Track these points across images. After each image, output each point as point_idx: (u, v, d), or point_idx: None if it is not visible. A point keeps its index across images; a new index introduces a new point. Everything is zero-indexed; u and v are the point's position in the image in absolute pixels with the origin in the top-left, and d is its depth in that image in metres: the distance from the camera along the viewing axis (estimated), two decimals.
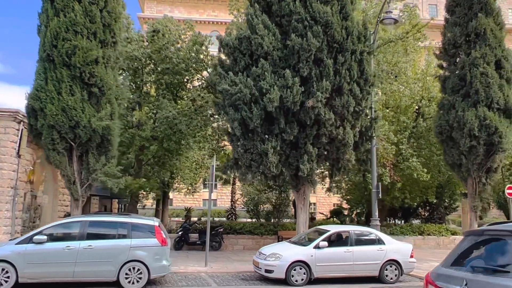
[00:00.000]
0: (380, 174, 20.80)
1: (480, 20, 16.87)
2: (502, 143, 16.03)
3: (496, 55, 16.90)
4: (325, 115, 14.47)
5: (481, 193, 17.21)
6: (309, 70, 14.52)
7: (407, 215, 28.09)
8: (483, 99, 16.36)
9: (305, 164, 14.74)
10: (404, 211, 27.75)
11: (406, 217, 28.18)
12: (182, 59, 20.07)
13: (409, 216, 28.08)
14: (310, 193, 22.09)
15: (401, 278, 13.14)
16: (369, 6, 22.69)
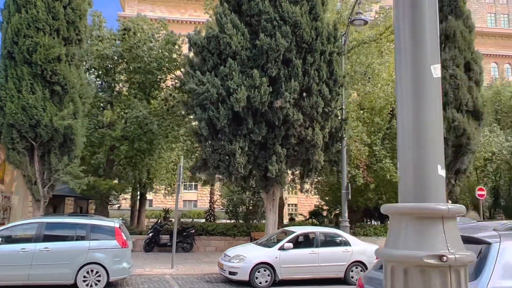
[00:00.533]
0: (353, 175, 20.82)
1: (450, 23, 17.00)
2: (470, 144, 16.16)
3: (466, 58, 17.04)
4: (293, 115, 14.38)
5: (451, 194, 17.28)
6: (277, 70, 14.43)
7: (383, 216, 28.19)
8: (452, 101, 16.48)
9: (273, 165, 14.63)
10: (380, 212, 27.86)
11: (383, 218, 28.27)
12: (154, 58, 19.81)
13: (386, 217, 28.17)
14: (286, 194, 22.03)
15: None
16: (343, 8, 22.71)
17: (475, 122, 16.72)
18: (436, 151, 1.81)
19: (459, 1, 17.34)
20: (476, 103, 16.72)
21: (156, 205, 53.89)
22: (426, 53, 1.89)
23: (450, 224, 1.73)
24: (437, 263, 1.62)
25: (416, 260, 1.65)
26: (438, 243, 1.67)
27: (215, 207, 34.94)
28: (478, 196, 19.59)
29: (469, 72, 16.95)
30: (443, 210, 1.70)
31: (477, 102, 16.74)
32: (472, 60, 17.08)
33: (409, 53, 1.91)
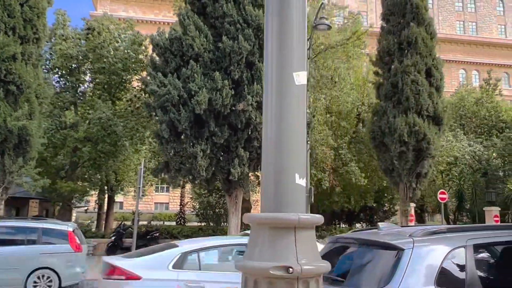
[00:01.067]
0: (319, 179, 20.98)
1: (412, 29, 17.31)
2: (430, 149, 16.47)
3: (427, 64, 17.38)
4: (256, 118, 14.37)
5: (412, 198, 17.58)
6: (240, 73, 14.40)
7: (351, 219, 28.51)
8: (413, 106, 16.76)
9: (236, 168, 14.57)
10: (348, 215, 28.13)
11: (350, 221, 28.58)
12: (120, 58, 19.54)
13: (353, 220, 28.49)
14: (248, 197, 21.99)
15: None
16: (311, 13, 22.86)
17: (435, 127, 17.07)
18: (296, 160, 1.79)
19: (421, 9, 17.69)
20: (436, 109, 17.06)
21: (127, 208, 53.09)
22: (291, 60, 1.87)
23: (304, 235, 1.71)
24: (283, 275, 1.60)
25: (263, 272, 1.62)
26: (288, 254, 1.65)
27: (185, 209, 34.66)
28: (440, 199, 20.00)
29: (430, 78, 17.30)
30: (293, 220, 1.68)
31: (437, 107, 17.09)
32: (433, 66, 17.44)
33: (275, 60, 1.89)
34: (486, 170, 27.86)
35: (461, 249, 3.51)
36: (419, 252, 3.45)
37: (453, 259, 3.49)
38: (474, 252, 3.52)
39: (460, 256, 3.48)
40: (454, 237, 3.63)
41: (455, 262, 3.49)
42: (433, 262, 3.40)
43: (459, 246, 3.53)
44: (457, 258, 3.49)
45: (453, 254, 3.49)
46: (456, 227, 3.90)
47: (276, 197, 1.75)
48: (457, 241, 3.57)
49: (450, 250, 3.49)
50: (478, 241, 3.61)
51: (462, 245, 3.53)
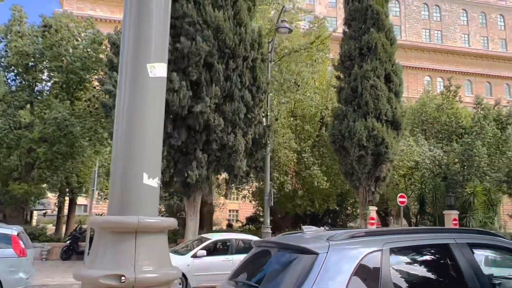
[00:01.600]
0: (282, 182, 20.97)
1: (372, 35, 17.56)
2: (388, 153, 16.70)
3: (386, 69, 17.65)
4: (214, 120, 14.22)
5: (371, 201, 17.77)
6: (198, 75, 14.22)
7: (315, 222, 28.61)
8: (372, 110, 16.98)
9: (194, 171, 14.37)
10: (312, 218, 28.23)
11: (314, 224, 28.72)
12: (78, 57, 19.00)
13: (317, 223, 28.63)
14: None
15: None
16: (277, 16, 22.91)
17: (394, 131, 17.34)
18: (147, 158, 1.66)
19: (381, 15, 17.97)
20: (395, 113, 17.34)
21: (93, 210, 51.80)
22: (148, 50, 1.73)
23: (147, 239, 1.57)
24: (116, 284, 1.45)
25: (94, 281, 1.47)
26: (125, 260, 1.51)
27: None
28: (400, 203, 20.31)
29: (389, 83, 17.57)
30: (132, 224, 1.54)
31: (396, 112, 17.37)
32: (392, 72, 17.73)
33: (131, 50, 1.75)
34: (446, 175, 28.54)
35: (377, 253, 3.45)
36: (333, 257, 3.37)
37: (368, 263, 3.43)
38: (390, 256, 3.47)
39: (375, 260, 3.42)
40: (371, 241, 3.57)
41: (369, 266, 3.43)
42: (347, 267, 3.33)
43: (375, 250, 3.47)
44: (372, 262, 3.43)
45: (368, 258, 3.43)
46: (375, 230, 3.85)
47: (122, 199, 1.61)
48: (374, 245, 3.51)
49: (365, 254, 3.43)
50: (395, 245, 3.56)
51: (378, 249, 3.47)
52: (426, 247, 3.72)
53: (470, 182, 27.20)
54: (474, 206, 26.92)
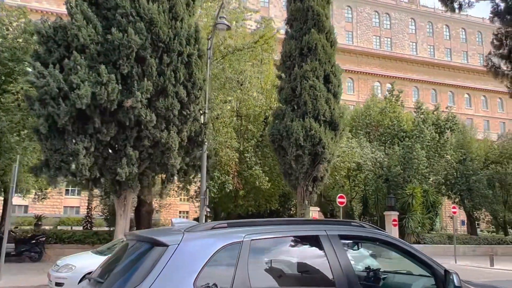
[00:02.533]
0: (223, 182, 20.70)
1: (312, 36, 17.65)
2: (325, 153, 16.79)
3: (325, 70, 17.78)
4: (146, 116, 13.73)
5: (309, 201, 17.82)
6: (130, 68, 13.68)
7: None
8: (310, 110, 17.04)
9: (123, 168, 13.81)
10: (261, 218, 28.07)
11: None
12: (7, 47, 17.92)
13: None
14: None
15: None
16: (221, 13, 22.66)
17: (331, 132, 17.47)
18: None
19: (321, 16, 18.11)
20: (333, 114, 17.48)
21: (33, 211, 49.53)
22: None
23: None
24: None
25: None
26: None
27: (93, 214, 32.89)
28: (339, 203, 20.55)
29: (328, 84, 17.71)
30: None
31: (334, 113, 17.52)
32: (331, 73, 17.88)
33: None
34: (387, 177, 29.30)
35: (236, 245, 3.24)
36: (186, 249, 3.12)
37: (224, 255, 3.20)
38: (251, 248, 3.26)
39: (233, 253, 3.20)
40: (231, 232, 3.35)
41: (225, 259, 3.20)
42: (199, 259, 3.09)
43: (234, 242, 3.25)
44: (228, 255, 3.21)
45: (225, 250, 3.21)
46: (240, 222, 3.63)
47: None
48: (233, 237, 3.29)
49: (221, 246, 3.20)
50: (258, 237, 3.36)
51: (237, 241, 3.26)
52: (294, 239, 3.54)
53: (410, 184, 28.03)
54: (412, 207, 27.76)
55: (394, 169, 28.36)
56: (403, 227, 28.02)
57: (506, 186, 32.84)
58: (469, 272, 19.82)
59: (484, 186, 30.69)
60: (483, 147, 34.03)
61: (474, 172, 30.67)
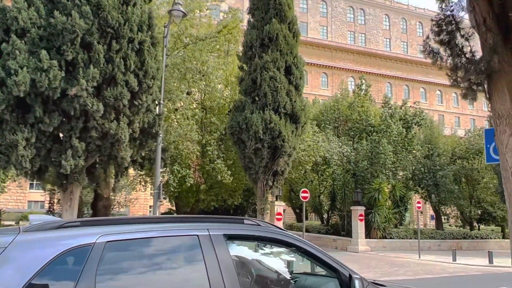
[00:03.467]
0: (183, 176, 20.06)
1: (273, 25, 17.13)
2: (285, 147, 16.35)
3: (287, 61, 17.31)
4: (92, 106, 12.98)
5: (269, 196, 17.37)
6: (75, 54, 12.91)
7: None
8: (270, 102, 16.56)
9: (68, 160, 13.05)
10: (225, 214, 27.52)
11: None
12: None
13: None
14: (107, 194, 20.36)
15: None
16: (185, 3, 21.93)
17: (292, 125, 17.03)
18: None
19: (284, 5, 17.61)
20: (294, 107, 17.04)
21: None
22: None
23: None
24: None
25: None
26: None
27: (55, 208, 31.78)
28: (302, 198, 20.15)
29: (289, 76, 17.26)
30: None
31: (295, 105, 17.08)
32: (293, 65, 17.43)
33: None
34: (355, 171, 29.16)
35: (84, 248, 2.67)
36: (13, 254, 2.54)
37: (67, 261, 2.64)
38: (106, 252, 2.70)
39: (80, 258, 2.64)
40: (83, 232, 2.79)
41: (67, 266, 2.64)
42: (28, 268, 2.51)
43: (83, 244, 2.69)
44: (73, 261, 2.65)
45: (69, 255, 2.64)
46: (97, 219, 3.08)
47: None
48: (83, 238, 2.72)
49: (65, 250, 2.63)
50: (117, 238, 2.80)
51: (87, 243, 2.69)
52: (166, 240, 3.00)
53: (377, 179, 27.93)
54: (379, 202, 27.68)
55: (361, 164, 28.22)
56: (369, 222, 27.94)
57: (472, 182, 33.19)
58: (430, 267, 19.78)
59: (450, 181, 30.89)
60: (450, 143, 34.28)
61: (441, 167, 30.83)
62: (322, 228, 31.86)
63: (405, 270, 19.01)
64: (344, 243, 28.20)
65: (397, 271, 18.39)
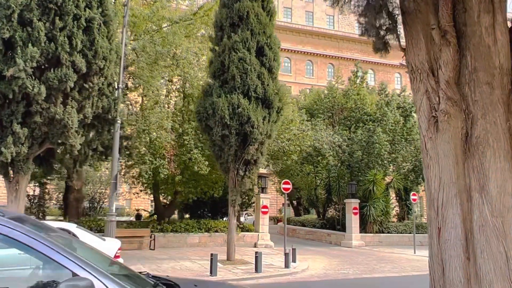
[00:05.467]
0: (157, 166, 19.02)
1: (244, 3, 15.88)
2: (254, 133, 15.12)
3: (259, 42, 16.04)
4: (33, 88, 11.98)
5: (240, 186, 16.18)
6: (13, 32, 11.92)
7: (215, 211, 26.83)
8: (239, 86, 15.34)
9: (9, 147, 12.10)
10: (213, 206, 26.33)
11: (215, 212, 26.84)
12: None
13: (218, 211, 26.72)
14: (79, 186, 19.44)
15: None
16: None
17: (264, 110, 15.78)
18: None
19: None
20: (267, 90, 15.78)
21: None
22: None
23: None
24: None
25: None
26: None
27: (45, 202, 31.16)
28: (283, 189, 18.90)
29: (262, 57, 15.99)
30: None
31: (268, 89, 15.81)
32: (266, 45, 16.14)
33: None
34: (349, 162, 27.75)
35: None
36: None
37: None
38: None
39: None
40: None
41: None
42: None
43: None
44: None
45: None
46: None
47: None
48: None
49: None
50: None
51: None
52: None
53: (372, 170, 26.50)
54: (374, 194, 26.26)
55: (355, 155, 26.79)
56: (364, 215, 26.54)
57: None
58: (421, 264, 18.37)
59: None
60: None
61: None
62: (318, 222, 30.54)
63: (392, 266, 17.67)
64: (338, 237, 26.86)
65: (383, 268, 17.07)
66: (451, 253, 3.89)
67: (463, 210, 3.91)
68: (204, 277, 12.97)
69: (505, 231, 3.71)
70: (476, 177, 3.89)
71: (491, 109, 3.91)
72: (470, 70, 4.02)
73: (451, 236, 3.91)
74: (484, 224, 3.78)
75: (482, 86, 3.96)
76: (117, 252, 11.47)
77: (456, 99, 4.03)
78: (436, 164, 4.09)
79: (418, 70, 4.23)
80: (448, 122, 4.04)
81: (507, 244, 3.68)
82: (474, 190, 3.89)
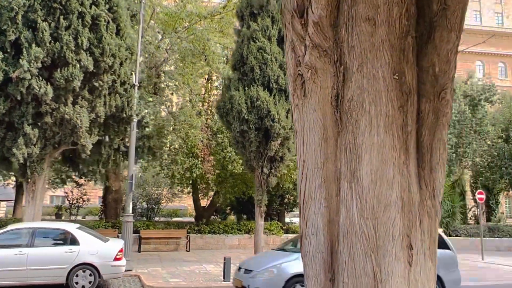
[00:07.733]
0: (190, 166, 18.58)
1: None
2: (275, 127, 13.97)
3: (281, 29, 14.85)
4: (40, 89, 11.98)
5: (266, 185, 15.11)
6: (18, 34, 12.02)
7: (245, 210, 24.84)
8: (259, 77, 14.31)
9: (20, 149, 12.22)
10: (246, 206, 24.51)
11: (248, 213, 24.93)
12: None
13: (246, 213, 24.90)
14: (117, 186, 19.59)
15: (102, 284, 10.91)
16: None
17: (287, 102, 14.54)
18: None
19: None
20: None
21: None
22: None
23: None
24: None
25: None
26: None
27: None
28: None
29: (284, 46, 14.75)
30: None
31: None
32: None
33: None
34: None
35: None
36: None
37: None
38: None
39: None
40: None
41: None
42: None
43: None
44: None
45: None
46: None
47: None
48: None
49: None
50: None
51: None
52: None
53: None
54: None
55: None
56: None
57: None
58: (484, 271, 15.91)
59: None
60: None
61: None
62: None
63: None
64: None
65: None
66: (309, 272, 2.62)
67: (330, 208, 2.61)
68: (216, 282, 12.13)
69: (376, 241, 2.38)
70: (348, 159, 2.58)
71: (371, 56, 2.58)
72: (350, 3, 2.70)
73: (310, 246, 2.63)
74: (350, 229, 2.46)
75: (361, 25, 2.63)
76: (118, 254, 11.03)
77: (325, 47, 2.74)
78: (301, 142, 2.82)
79: (286, 13, 2.98)
80: (314, 80, 2.76)
81: (378, 261, 2.35)
82: (344, 179, 2.58)
